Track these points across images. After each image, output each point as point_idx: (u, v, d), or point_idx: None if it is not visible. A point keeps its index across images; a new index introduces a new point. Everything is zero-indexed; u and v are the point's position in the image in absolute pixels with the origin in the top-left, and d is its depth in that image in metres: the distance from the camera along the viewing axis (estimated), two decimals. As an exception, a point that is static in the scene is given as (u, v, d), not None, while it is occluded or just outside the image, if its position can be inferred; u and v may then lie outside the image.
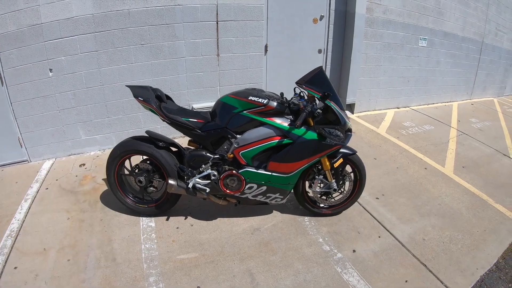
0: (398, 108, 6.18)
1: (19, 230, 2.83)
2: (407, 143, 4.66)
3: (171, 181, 2.74)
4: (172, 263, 2.52)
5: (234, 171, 2.65)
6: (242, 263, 2.52)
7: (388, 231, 2.96)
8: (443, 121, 5.76)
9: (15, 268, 2.43)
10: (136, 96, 2.76)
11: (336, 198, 3.04)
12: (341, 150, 2.80)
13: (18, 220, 2.96)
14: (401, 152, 4.39)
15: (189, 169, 2.77)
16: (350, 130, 2.76)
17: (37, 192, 3.37)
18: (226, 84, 4.53)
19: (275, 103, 2.55)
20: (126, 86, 2.93)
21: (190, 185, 2.73)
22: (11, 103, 3.65)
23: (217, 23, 4.21)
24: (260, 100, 2.55)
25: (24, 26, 3.44)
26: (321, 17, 4.85)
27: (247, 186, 2.70)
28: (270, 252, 2.64)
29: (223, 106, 2.67)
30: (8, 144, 3.77)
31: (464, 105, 7.07)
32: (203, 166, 2.75)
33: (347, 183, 2.97)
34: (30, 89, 3.66)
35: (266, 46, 4.70)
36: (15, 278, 2.35)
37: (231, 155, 2.66)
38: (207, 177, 2.74)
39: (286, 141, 2.59)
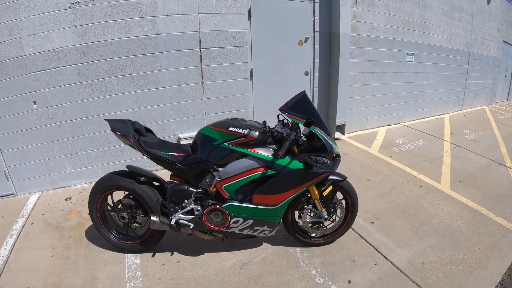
0: (389, 125, 6.07)
1: (4, 267, 2.68)
2: (400, 161, 4.51)
3: (153, 218, 2.57)
4: (158, 304, 2.32)
5: (217, 206, 2.49)
6: (230, 302, 2.32)
7: (385, 257, 2.77)
8: (436, 135, 5.63)
9: None
10: (114, 131, 2.61)
11: (328, 227, 2.85)
12: (330, 177, 2.63)
13: (2, 256, 2.81)
14: (394, 172, 4.23)
15: (171, 204, 2.60)
16: (338, 155, 2.60)
17: (23, 227, 3.20)
18: (212, 112, 4.41)
19: (256, 133, 2.41)
20: (104, 120, 2.79)
21: (173, 221, 2.55)
22: (-5, 136, 3.49)
23: (200, 50, 4.13)
24: (240, 130, 2.40)
25: (7, 58, 3.37)
26: (306, 39, 4.79)
27: (232, 221, 2.53)
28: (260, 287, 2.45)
29: (203, 138, 2.53)
30: (-6, 178, 3.60)
31: (456, 117, 6.99)
32: (186, 201, 2.58)
33: (338, 211, 2.79)
34: (14, 122, 3.55)
35: (251, 72, 4.61)
36: None
37: (214, 189, 2.50)
38: (190, 212, 2.57)
39: (270, 172, 2.43)
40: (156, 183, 2.77)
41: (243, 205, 2.49)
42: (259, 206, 2.50)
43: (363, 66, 5.29)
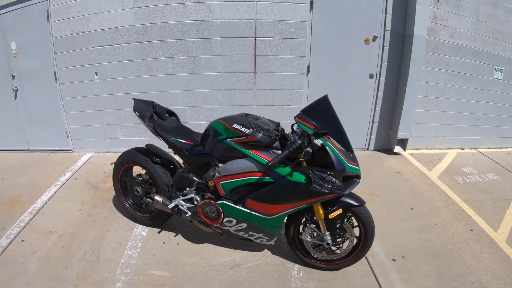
0: (462, 149, 5.02)
1: (39, 210, 3.20)
2: (459, 194, 3.71)
3: (156, 197, 2.65)
4: (142, 276, 2.45)
5: (212, 201, 2.38)
6: (204, 299, 2.24)
7: None
8: None
9: (22, 241, 2.79)
10: (134, 111, 2.73)
11: (334, 252, 2.48)
12: (343, 199, 2.25)
13: (42, 201, 3.34)
14: (447, 205, 3.50)
15: (174, 189, 2.58)
16: (358, 177, 2.20)
17: (67, 180, 3.70)
18: (262, 104, 4.25)
19: (259, 135, 2.18)
20: (132, 98, 2.88)
21: (172, 206, 2.57)
22: (62, 98, 4.09)
23: (255, 39, 3.96)
24: (242, 129, 2.21)
25: (75, 32, 3.78)
26: (374, 38, 4.18)
27: (225, 219, 2.40)
28: (239, 294, 2.29)
29: (211, 131, 2.42)
30: (57, 133, 4.24)
31: None
32: (188, 189, 2.55)
33: (347, 241, 2.41)
34: (78, 88, 4.00)
35: (308, 67, 4.24)
36: (18, 249, 2.69)
37: (212, 184, 2.40)
38: (190, 200, 2.53)
39: (267, 179, 2.20)
40: (172, 167, 2.81)
41: (236, 207, 2.34)
42: (252, 212, 2.31)
43: (440, 77, 4.43)
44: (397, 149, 4.67)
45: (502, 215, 3.44)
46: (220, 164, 2.37)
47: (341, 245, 2.44)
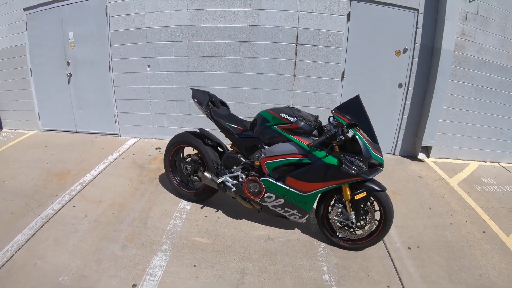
0: (484, 161, 5.46)
1: (89, 182, 3.83)
2: (476, 201, 4.17)
3: (206, 174, 3.24)
4: (186, 241, 3.00)
5: (256, 178, 2.98)
6: (241, 261, 2.81)
7: (402, 284, 2.72)
8: None
9: (74, 206, 3.38)
10: (193, 98, 3.38)
11: (357, 233, 3.03)
12: (367, 184, 2.81)
13: (92, 175, 3.98)
14: (463, 209, 3.97)
15: (223, 167, 3.20)
16: (381, 165, 2.77)
17: (115, 159, 4.36)
18: (299, 104, 4.84)
19: (302, 123, 2.79)
20: (190, 88, 3.55)
21: (220, 181, 3.17)
22: (114, 86, 4.84)
23: (296, 45, 4.60)
24: (289, 117, 2.82)
25: (132, 28, 4.53)
26: (405, 50, 4.75)
27: (266, 195, 2.99)
28: (271, 261, 2.85)
29: (260, 119, 3.03)
30: (106, 118, 4.98)
31: None
32: (235, 167, 3.16)
33: (368, 220, 2.94)
34: (129, 78, 4.73)
35: (343, 73, 4.85)
36: (70, 213, 3.28)
37: (258, 163, 3.00)
38: (236, 178, 3.14)
39: (306, 160, 2.79)
40: (220, 149, 3.44)
41: (277, 183, 2.92)
42: (290, 189, 2.89)
43: (465, 90, 4.91)
44: (421, 156, 5.18)
45: None
46: (266, 147, 2.97)
47: (363, 225, 2.96)
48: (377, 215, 2.96)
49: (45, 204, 3.37)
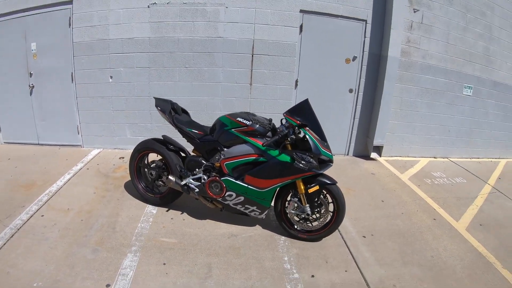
0: (435, 158, 6.06)
1: (56, 192, 3.91)
2: (426, 192, 4.63)
3: (170, 177, 3.46)
4: (154, 242, 3.17)
5: (217, 178, 3.23)
6: (207, 257, 3.02)
7: (358, 268, 3.02)
8: (479, 177, 5.47)
9: (42, 216, 3.45)
10: (156, 106, 3.61)
11: (313, 224, 3.33)
12: (320, 178, 3.14)
13: (58, 185, 4.06)
14: (414, 200, 4.41)
15: (186, 170, 3.45)
16: (331, 161, 3.12)
17: (80, 169, 4.46)
18: (256, 111, 5.06)
19: (257, 126, 3.10)
20: (153, 97, 3.79)
21: (184, 183, 3.39)
22: (76, 97, 4.97)
23: (252, 56, 4.97)
24: (244, 121, 3.12)
25: (95, 39, 4.72)
26: (354, 58, 5.25)
27: (227, 193, 3.24)
28: (235, 255, 3.07)
29: (219, 123, 3.31)
30: (69, 129, 5.08)
31: None
32: (197, 170, 3.40)
33: (322, 211, 3.26)
34: (92, 89, 4.88)
35: (296, 81, 5.27)
36: (39, 222, 3.34)
37: (218, 164, 3.26)
38: (198, 179, 3.37)
39: (262, 159, 3.09)
40: (182, 154, 3.67)
41: (237, 182, 3.19)
42: (249, 186, 3.16)
43: (412, 92, 5.49)
44: (373, 155, 5.67)
45: (464, 209, 4.30)
46: (225, 149, 3.25)
47: (319, 217, 3.27)
48: (331, 207, 3.25)
49: (13, 215, 3.42)
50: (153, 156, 3.79)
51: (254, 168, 3.13)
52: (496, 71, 6.00)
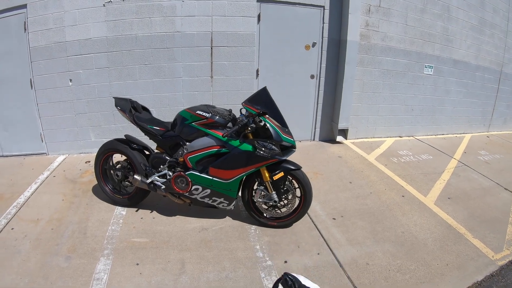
0: (400, 137, 6.28)
1: (24, 203, 3.81)
2: (393, 171, 4.81)
3: (136, 176, 3.44)
4: (126, 243, 3.16)
5: (182, 173, 3.25)
6: (180, 253, 3.05)
7: (330, 249, 3.11)
8: (445, 152, 5.72)
9: (12, 228, 3.35)
10: (116, 106, 3.57)
11: (282, 210, 3.39)
12: (284, 165, 3.19)
13: (25, 196, 3.95)
14: (382, 179, 4.57)
15: (151, 168, 3.43)
16: (293, 147, 3.18)
17: (46, 178, 4.35)
18: (219, 103, 5.14)
19: (216, 117, 3.12)
20: (112, 97, 3.74)
21: (149, 181, 3.39)
22: (37, 104, 4.80)
23: (211, 48, 4.97)
24: (204, 114, 3.14)
25: (52, 42, 4.57)
26: (314, 44, 5.34)
27: (193, 187, 3.26)
28: (207, 249, 3.11)
29: (179, 118, 3.31)
30: (31, 138, 4.91)
31: (478, 138, 6.88)
32: (162, 166, 3.40)
33: (290, 197, 3.32)
34: (53, 94, 4.74)
35: (257, 70, 5.31)
36: (9, 235, 3.25)
37: (182, 159, 3.28)
38: (164, 176, 3.38)
39: (224, 150, 3.12)
40: (147, 152, 3.65)
41: (202, 175, 3.21)
42: (214, 178, 3.19)
43: (374, 74, 5.65)
44: (339, 138, 5.81)
45: (432, 184, 4.50)
46: (187, 143, 3.26)
47: (286, 203, 3.33)
48: (298, 192, 3.33)
49: (-18, 231, 3.35)
50: (118, 158, 3.76)
51: (217, 160, 3.16)
52: (456, 50, 6.24)
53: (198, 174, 3.23)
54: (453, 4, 6.02)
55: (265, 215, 3.43)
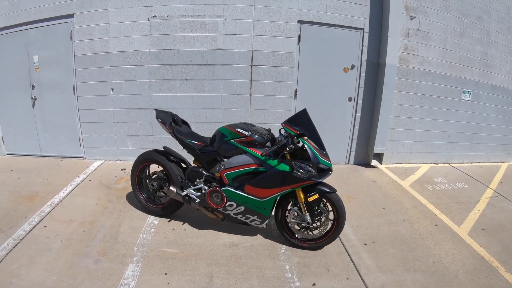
0: (436, 163, 6.11)
1: (58, 203, 4.00)
2: (427, 198, 4.68)
3: (171, 188, 3.54)
4: (156, 252, 3.23)
5: (218, 188, 3.30)
6: (209, 267, 3.07)
7: (359, 275, 3.05)
8: (481, 181, 5.50)
9: (45, 226, 3.53)
10: (157, 118, 3.71)
11: (314, 232, 3.37)
12: (319, 187, 3.19)
13: (60, 197, 4.16)
14: (415, 206, 4.46)
15: (187, 181, 3.52)
16: (330, 169, 3.18)
17: (82, 181, 4.56)
18: (257, 122, 5.22)
19: (256, 136, 3.18)
20: (154, 109, 3.89)
21: (185, 193, 3.47)
22: (78, 110, 5.09)
23: (251, 66, 5.09)
24: (244, 132, 3.21)
25: (96, 52, 4.86)
26: (352, 67, 5.36)
27: (228, 203, 3.31)
28: (237, 265, 3.12)
29: (218, 134, 3.40)
30: (70, 141, 5.21)
31: None
32: (198, 180, 3.48)
33: (323, 220, 3.30)
34: (94, 101, 5.01)
35: (295, 91, 5.37)
36: (42, 233, 3.43)
37: (218, 175, 3.34)
38: (199, 190, 3.45)
39: (261, 169, 3.15)
40: (183, 165, 3.76)
41: (237, 192, 3.25)
42: (249, 196, 3.23)
43: (411, 99, 5.57)
44: (374, 163, 5.73)
45: (466, 214, 4.34)
46: (225, 159, 3.34)
47: (319, 225, 3.31)
48: (331, 215, 3.30)
49: (16, 226, 3.50)
50: (154, 168, 3.88)
51: (254, 178, 3.20)
52: (495, 75, 6.08)
53: (234, 190, 3.27)
54: (493, 28, 5.90)
55: (296, 236, 3.41)
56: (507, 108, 6.36)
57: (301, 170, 3.05)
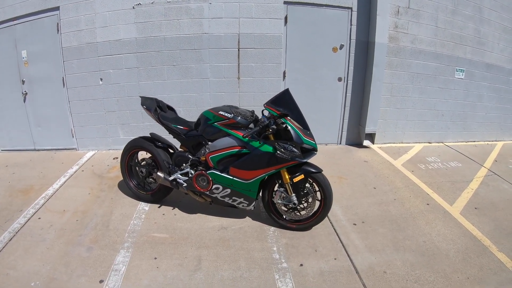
0: (429, 143, 6.07)
1: (52, 195, 4.06)
2: (420, 178, 4.66)
3: (159, 173, 3.57)
4: (146, 238, 3.29)
5: (203, 171, 3.32)
6: (197, 250, 3.12)
7: (348, 255, 3.07)
8: (475, 160, 5.47)
9: (39, 218, 3.60)
10: (142, 105, 3.71)
11: (302, 213, 3.38)
12: (304, 167, 3.19)
13: (54, 188, 4.21)
14: (407, 186, 4.44)
15: (174, 166, 3.54)
16: (315, 149, 3.17)
17: (75, 172, 4.60)
18: (245, 105, 5.22)
19: (238, 118, 3.17)
20: (139, 96, 3.89)
21: (172, 178, 3.50)
22: (69, 102, 5.11)
23: (238, 50, 5.05)
24: (226, 114, 3.20)
25: (83, 43, 4.85)
26: (341, 46, 5.29)
27: (214, 186, 3.33)
28: (225, 247, 3.16)
29: (202, 118, 3.39)
30: (63, 133, 5.23)
31: (511, 146, 6.48)
32: (184, 165, 3.49)
33: (310, 200, 3.31)
34: (84, 92, 5.01)
35: (284, 72, 5.33)
36: (36, 224, 3.49)
37: (203, 158, 3.35)
38: (186, 174, 3.47)
39: (244, 151, 3.16)
40: (171, 150, 3.77)
41: (222, 174, 3.27)
42: (234, 178, 3.24)
43: (403, 78, 5.50)
44: (366, 143, 5.71)
45: (459, 193, 4.31)
46: (209, 143, 3.33)
47: (306, 206, 3.32)
48: (318, 196, 3.30)
49: (11, 219, 3.57)
50: (143, 155, 3.91)
51: (238, 160, 3.21)
52: (488, 53, 5.98)
53: (219, 173, 3.29)
54: (485, 5, 5.76)
55: (284, 217, 3.43)
56: (501, 86, 6.26)
57: (283, 150, 3.04)
